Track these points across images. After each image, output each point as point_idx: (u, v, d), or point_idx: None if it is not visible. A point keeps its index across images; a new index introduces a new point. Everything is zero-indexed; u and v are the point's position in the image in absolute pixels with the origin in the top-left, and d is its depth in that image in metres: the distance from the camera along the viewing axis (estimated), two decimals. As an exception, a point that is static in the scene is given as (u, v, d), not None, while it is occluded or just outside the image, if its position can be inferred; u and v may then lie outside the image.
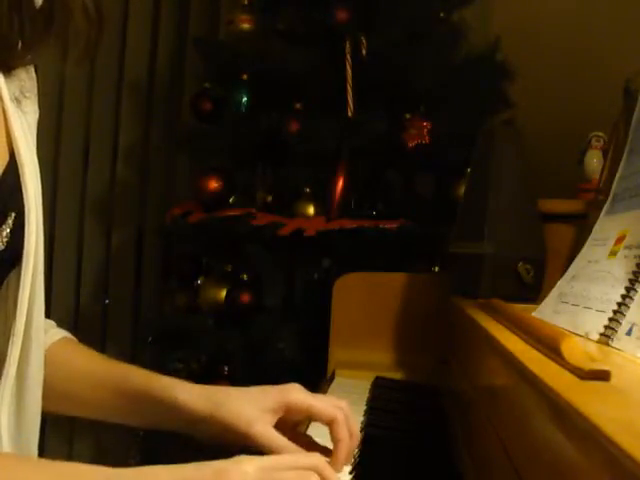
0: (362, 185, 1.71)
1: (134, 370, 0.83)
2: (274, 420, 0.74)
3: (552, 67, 1.81)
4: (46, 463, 0.58)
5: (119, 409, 0.82)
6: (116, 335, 2.32)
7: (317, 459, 0.62)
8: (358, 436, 0.78)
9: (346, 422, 0.73)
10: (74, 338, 0.89)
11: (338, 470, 0.71)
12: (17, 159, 0.69)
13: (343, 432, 0.72)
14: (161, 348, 1.86)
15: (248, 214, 1.67)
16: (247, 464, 0.58)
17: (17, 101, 0.72)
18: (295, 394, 0.75)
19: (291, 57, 1.67)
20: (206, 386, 0.79)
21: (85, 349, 0.88)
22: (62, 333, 0.88)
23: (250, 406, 0.74)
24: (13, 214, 0.68)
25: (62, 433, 2.28)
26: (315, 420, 0.75)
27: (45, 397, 0.76)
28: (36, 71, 0.77)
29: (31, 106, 0.75)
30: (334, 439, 0.73)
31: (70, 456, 2.22)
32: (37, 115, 0.77)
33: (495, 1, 1.93)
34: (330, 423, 0.73)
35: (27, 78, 0.74)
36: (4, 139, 0.70)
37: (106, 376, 0.82)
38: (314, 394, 0.77)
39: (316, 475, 0.59)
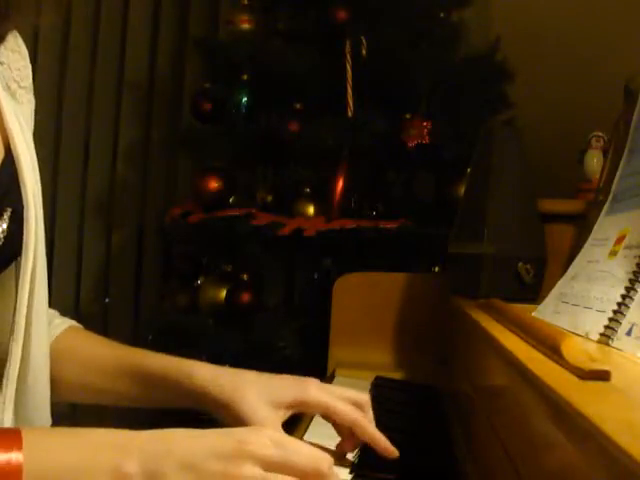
0: (362, 185, 1.71)
1: (148, 354, 0.82)
2: (287, 415, 0.73)
3: (552, 67, 1.81)
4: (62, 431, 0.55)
5: (134, 393, 0.81)
6: (116, 335, 2.28)
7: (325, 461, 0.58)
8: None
9: (368, 421, 0.73)
10: (80, 326, 0.88)
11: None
12: (14, 153, 0.67)
13: (369, 432, 0.72)
14: (161, 348, 1.85)
15: (248, 214, 1.67)
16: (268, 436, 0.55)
17: (10, 91, 0.70)
18: (314, 392, 0.74)
19: (291, 57, 1.67)
20: (225, 370, 0.77)
21: (94, 336, 0.87)
22: (67, 322, 0.87)
23: (266, 404, 0.72)
24: (9, 210, 0.66)
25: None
26: (334, 420, 0.74)
27: (59, 388, 0.76)
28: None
29: (26, 96, 0.73)
30: (368, 441, 0.72)
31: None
32: (33, 105, 0.75)
33: (495, 1, 1.93)
34: (352, 426, 0.72)
35: (22, 67, 0.73)
36: None
37: (120, 362, 0.81)
38: (331, 389, 0.76)
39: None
